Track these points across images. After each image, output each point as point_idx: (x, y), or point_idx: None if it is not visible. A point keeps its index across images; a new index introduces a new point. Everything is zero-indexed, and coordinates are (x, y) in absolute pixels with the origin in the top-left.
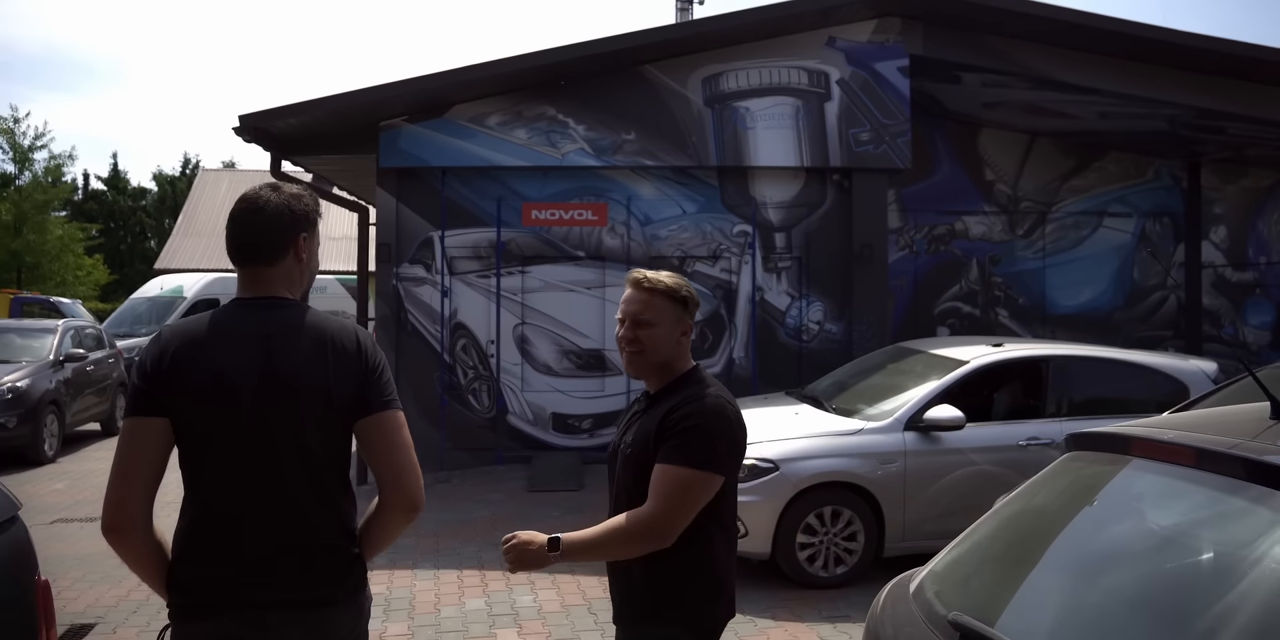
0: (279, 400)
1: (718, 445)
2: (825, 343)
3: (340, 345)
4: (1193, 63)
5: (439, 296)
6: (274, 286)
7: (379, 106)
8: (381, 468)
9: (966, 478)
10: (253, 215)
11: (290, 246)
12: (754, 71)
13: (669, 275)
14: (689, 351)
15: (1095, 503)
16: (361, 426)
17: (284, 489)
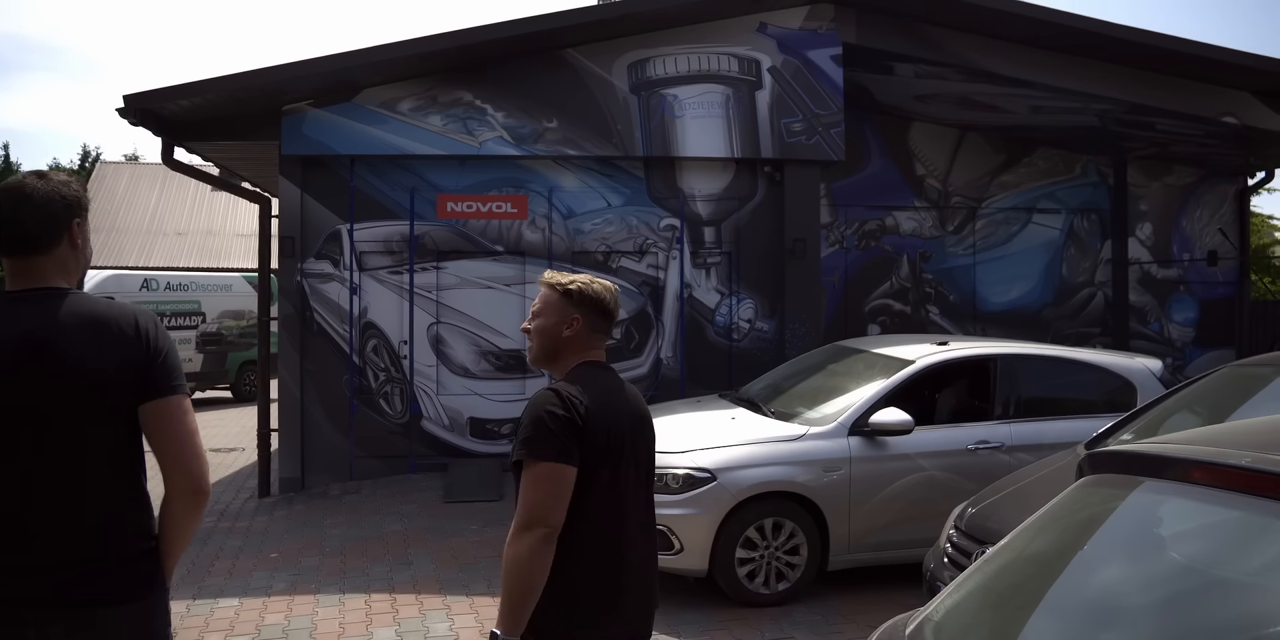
0: (51, 393)
1: (545, 433)
2: (757, 342)
3: (118, 331)
4: (1123, 56)
5: (347, 294)
6: (47, 276)
7: (281, 88)
8: (164, 454)
9: (914, 485)
10: (22, 202)
11: (64, 233)
12: (682, 57)
13: (562, 273)
14: (584, 347)
15: (1129, 539)
16: (143, 413)
17: (63, 483)
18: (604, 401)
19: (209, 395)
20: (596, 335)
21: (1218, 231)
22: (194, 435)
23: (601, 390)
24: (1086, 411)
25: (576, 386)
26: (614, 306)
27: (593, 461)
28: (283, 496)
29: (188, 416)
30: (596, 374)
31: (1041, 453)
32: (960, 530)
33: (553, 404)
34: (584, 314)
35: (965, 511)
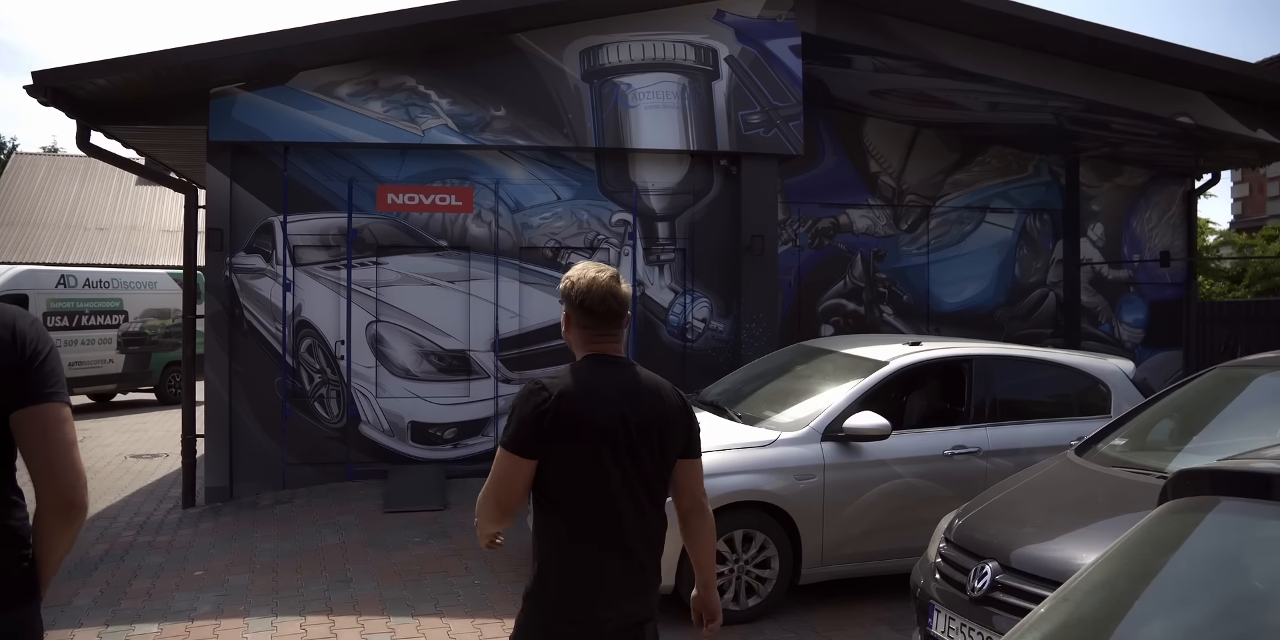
0: None
1: (511, 422)
2: (711, 342)
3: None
4: (1082, 53)
5: (280, 290)
6: None
7: (209, 68)
8: (36, 465)
9: (890, 493)
10: None
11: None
12: (636, 45)
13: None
14: (585, 343)
15: (1225, 570)
16: (16, 420)
17: None
18: (587, 394)
19: (132, 398)
20: (589, 332)
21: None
22: (70, 446)
23: (589, 383)
24: (1061, 414)
25: (559, 379)
26: (596, 300)
27: (564, 452)
28: (209, 507)
29: (65, 426)
30: (591, 368)
31: (1019, 457)
32: (951, 542)
33: (523, 394)
34: (570, 312)
35: (954, 523)
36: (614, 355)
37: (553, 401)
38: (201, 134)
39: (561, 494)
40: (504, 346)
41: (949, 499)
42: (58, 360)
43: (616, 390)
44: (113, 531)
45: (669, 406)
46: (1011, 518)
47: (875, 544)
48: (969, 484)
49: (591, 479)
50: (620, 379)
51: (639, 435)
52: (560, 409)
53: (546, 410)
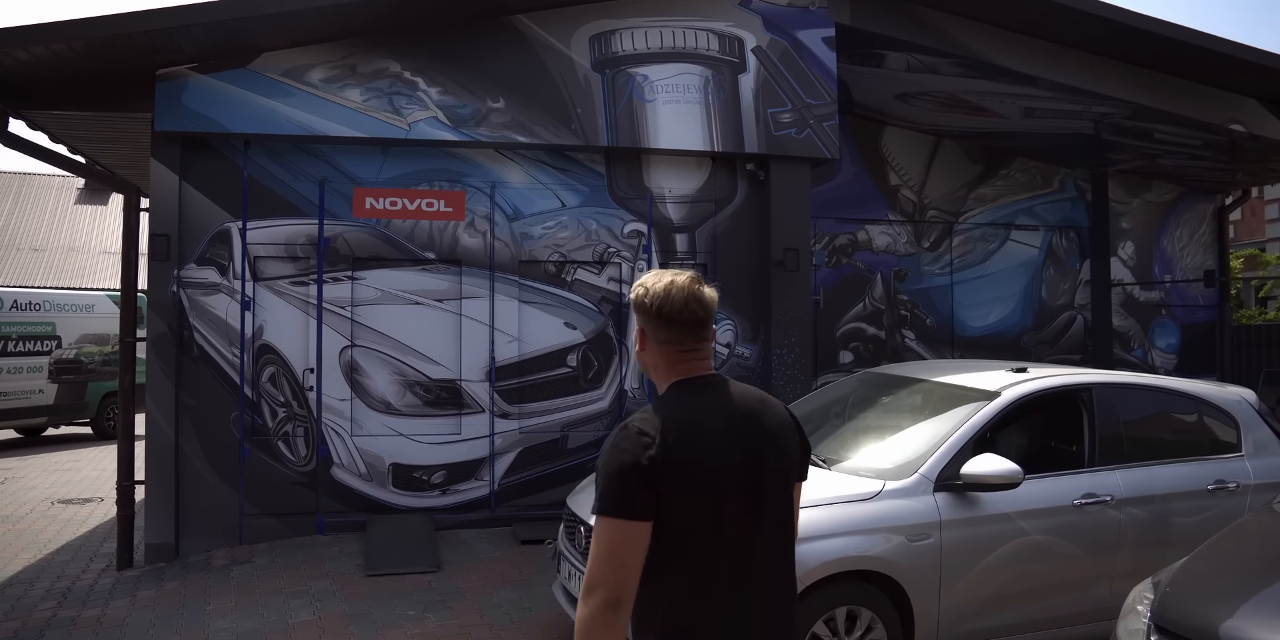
0: None
1: (605, 481)
2: (736, 370)
3: None
4: (1135, 53)
5: (238, 309)
6: None
7: (156, 44)
8: None
9: (1015, 554)
10: None
11: None
12: (654, 31)
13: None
14: (668, 363)
15: None
16: None
17: None
18: (691, 434)
19: (65, 431)
20: (668, 347)
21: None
22: None
23: (691, 417)
24: (1192, 453)
25: (656, 417)
26: (676, 307)
27: (676, 508)
28: (150, 568)
29: None
30: (686, 397)
31: (1154, 506)
32: (1161, 628)
33: (617, 442)
34: (645, 324)
35: (1159, 595)
36: (705, 376)
37: (657, 447)
38: (145, 123)
39: (673, 558)
40: (501, 376)
41: (1079, 559)
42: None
43: (723, 420)
44: (28, 602)
45: (782, 427)
46: (1230, 592)
47: (998, 618)
48: (1102, 540)
49: (711, 535)
50: (723, 405)
51: (759, 472)
52: (666, 455)
53: (653, 458)
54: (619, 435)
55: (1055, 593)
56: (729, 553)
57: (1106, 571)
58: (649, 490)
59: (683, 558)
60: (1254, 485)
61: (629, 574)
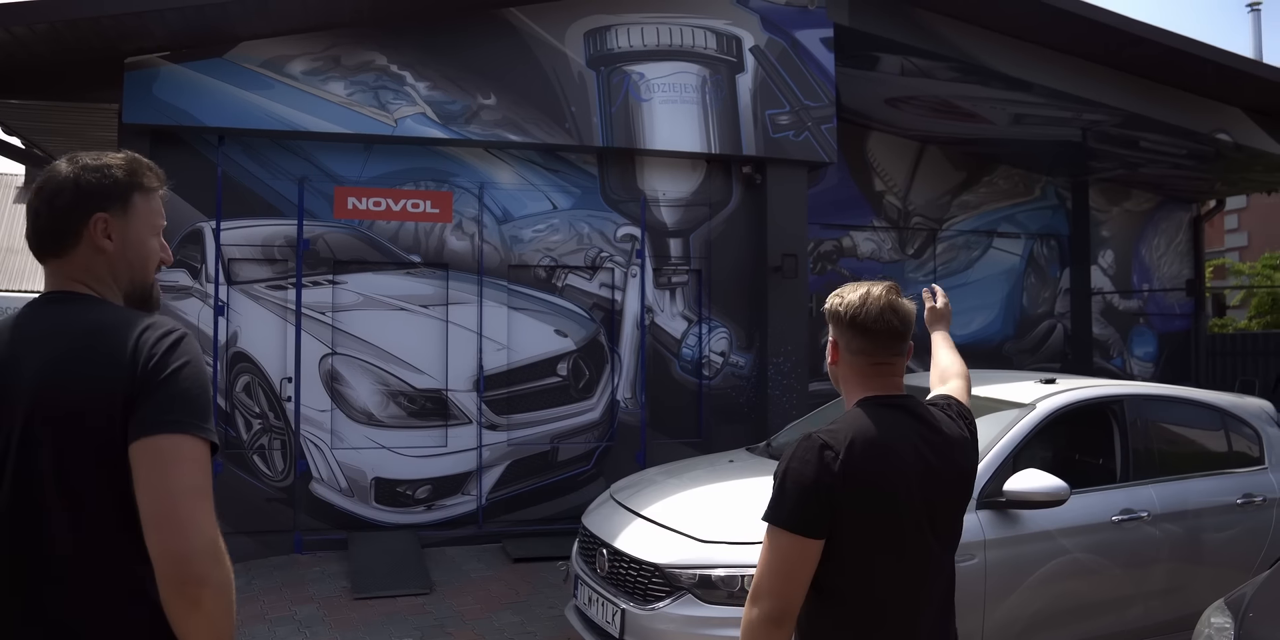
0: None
1: (781, 492)
2: (730, 380)
3: (107, 346)
4: (1127, 61)
5: (210, 314)
6: (67, 281)
7: (125, 29)
8: (143, 519)
9: (1057, 574)
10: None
11: (81, 232)
12: (650, 28)
13: (841, 289)
14: (859, 377)
15: None
16: (131, 457)
17: (38, 539)
18: (875, 453)
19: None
20: (861, 359)
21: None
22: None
23: (875, 437)
24: (1219, 465)
25: (842, 432)
26: (869, 318)
27: (856, 528)
28: None
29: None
30: (876, 415)
31: (1188, 521)
32: None
33: (801, 454)
34: (839, 335)
35: (1243, 620)
36: (897, 396)
37: (841, 462)
38: (110, 114)
39: (848, 582)
40: (489, 385)
41: (1119, 578)
42: (194, 382)
43: (911, 444)
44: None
45: (966, 451)
46: None
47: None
48: (1139, 558)
49: (889, 561)
50: (914, 426)
51: (943, 501)
52: (851, 471)
53: (837, 474)
54: (802, 446)
55: (1095, 612)
56: (903, 589)
57: (1143, 589)
58: (827, 508)
59: (853, 587)
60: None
61: (797, 588)
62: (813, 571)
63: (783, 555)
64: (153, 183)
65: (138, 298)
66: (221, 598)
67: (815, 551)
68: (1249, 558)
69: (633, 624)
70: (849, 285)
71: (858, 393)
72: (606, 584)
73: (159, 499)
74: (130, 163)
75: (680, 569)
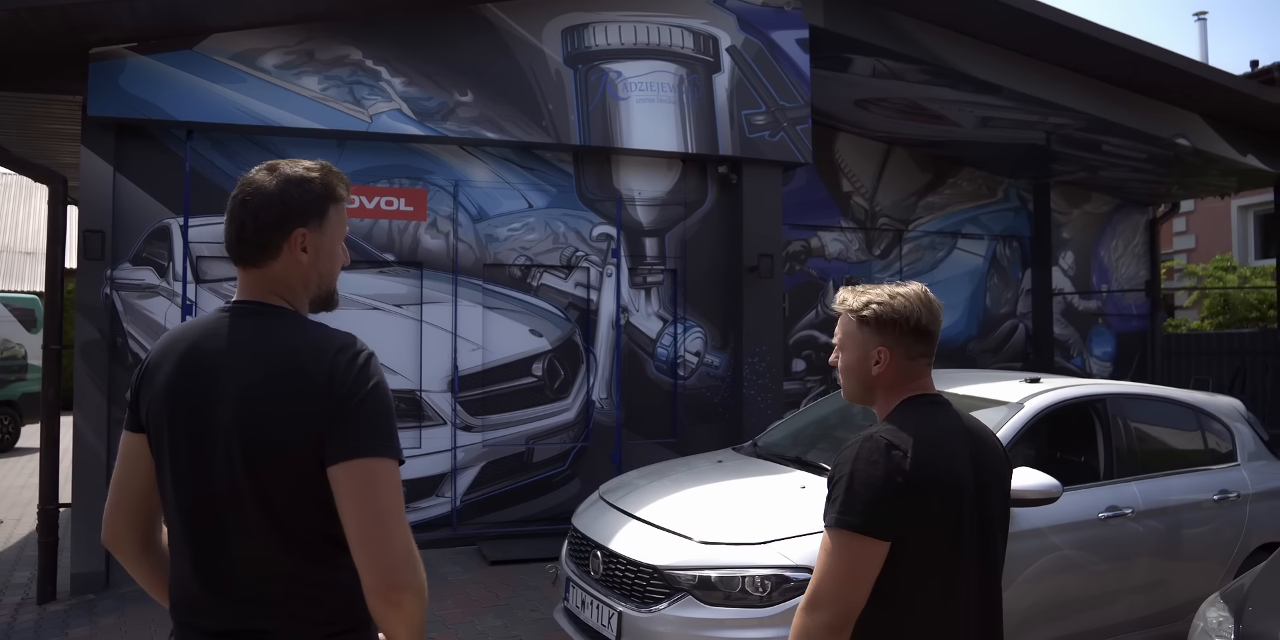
0: (216, 435)
1: (853, 494)
2: (705, 380)
3: (300, 366)
4: (1095, 65)
5: (178, 313)
6: (262, 292)
7: (92, 18)
8: (349, 537)
9: (1047, 571)
10: (238, 203)
11: (281, 244)
12: (627, 26)
13: (857, 291)
14: (904, 379)
15: None
16: (330, 479)
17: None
18: (938, 451)
19: None
20: (915, 362)
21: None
22: (386, 514)
23: (935, 436)
24: (1195, 462)
25: (904, 431)
26: (930, 320)
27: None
28: (78, 601)
29: (379, 488)
30: (927, 413)
31: (1168, 518)
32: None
33: (867, 453)
34: (892, 342)
35: (1243, 614)
36: (935, 394)
37: (910, 461)
38: (74, 106)
39: (906, 585)
40: (464, 386)
41: (1105, 574)
42: (382, 404)
43: (962, 442)
44: None
45: (1000, 457)
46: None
47: (1031, 635)
48: (1125, 554)
49: (946, 563)
50: (957, 426)
51: (990, 499)
52: (920, 470)
53: (908, 472)
54: (867, 447)
55: (1082, 607)
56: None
57: (1127, 584)
58: (898, 509)
59: (910, 590)
60: (1252, 494)
61: (861, 595)
62: (876, 576)
63: (852, 559)
64: (343, 193)
65: (321, 301)
66: (419, 599)
67: (883, 555)
68: (1226, 552)
69: (630, 626)
70: (882, 290)
71: (900, 394)
72: (601, 586)
73: (364, 519)
74: (325, 174)
75: (679, 571)
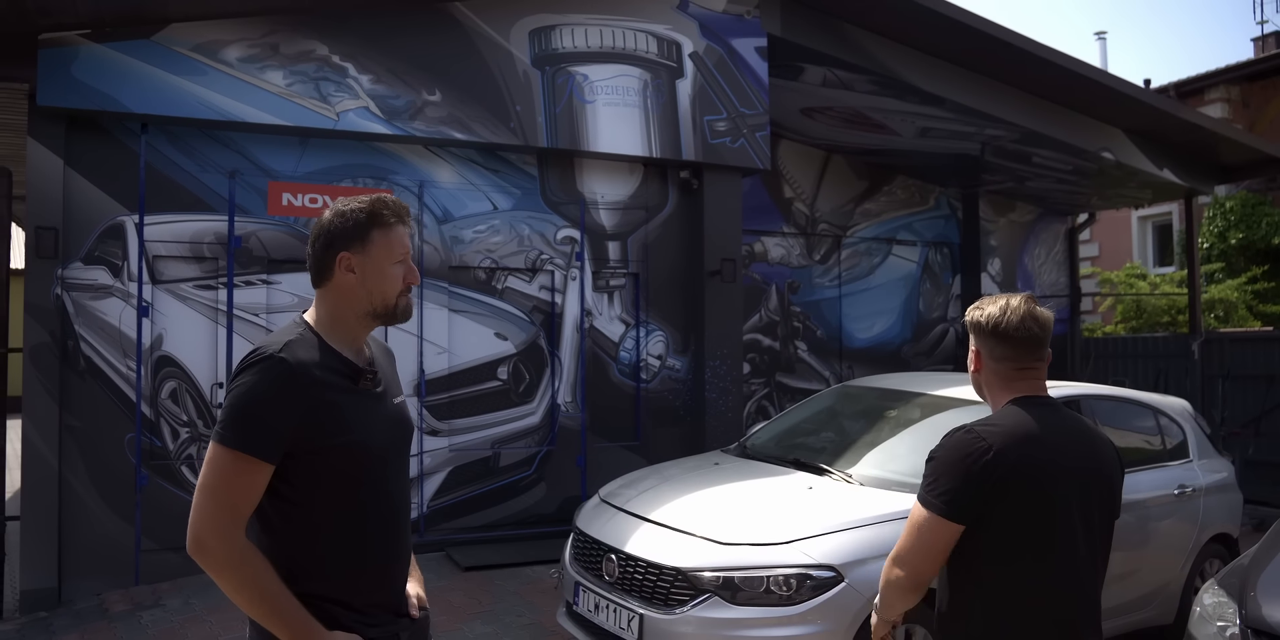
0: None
1: (937, 478)
2: (667, 383)
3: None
4: (1029, 81)
5: (133, 315)
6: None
7: (45, 3)
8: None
9: None
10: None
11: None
12: (593, 29)
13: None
14: (1004, 380)
15: None
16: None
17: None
18: (1029, 445)
19: None
20: (1006, 365)
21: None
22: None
23: (1029, 431)
24: (1155, 459)
25: (995, 427)
26: (1011, 327)
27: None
28: (29, 619)
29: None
30: (1027, 413)
31: (1137, 511)
32: (1260, 632)
33: (954, 444)
34: (981, 344)
35: (1246, 599)
36: (1043, 396)
37: (993, 454)
38: (18, 96)
39: (991, 565)
40: (430, 389)
41: None
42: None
43: (1063, 439)
44: None
45: (1112, 463)
46: None
47: None
48: None
49: (1038, 550)
50: (1061, 425)
51: (1092, 496)
52: (1001, 463)
53: (987, 464)
54: (958, 436)
55: None
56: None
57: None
58: (977, 497)
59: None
60: (1204, 488)
61: (933, 565)
62: (948, 552)
63: (926, 534)
64: (390, 219)
65: (382, 315)
66: (203, 560)
67: (955, 535)
68: (1184, 543)
69: (653, 628)
70: (987, 298)
71: (1005, 395)
72: (617, 590)
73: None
74: (373, 204)
75: (704, 572)
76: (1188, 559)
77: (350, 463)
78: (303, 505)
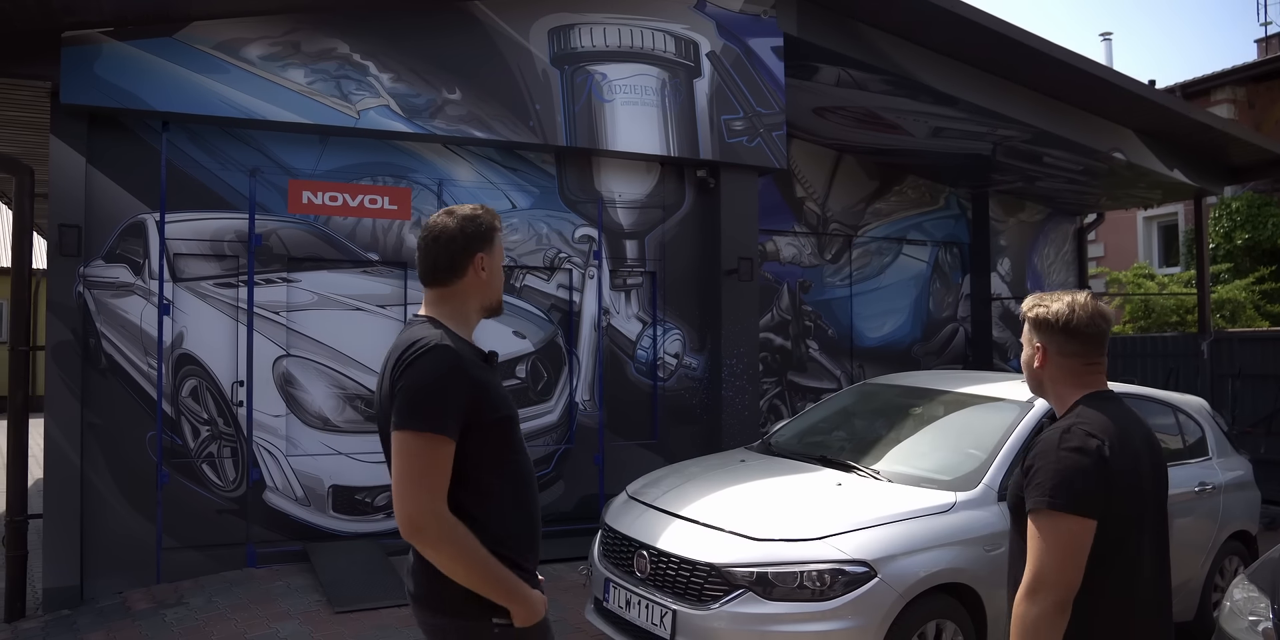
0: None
1: (1058, 479)
2: (684, 381)
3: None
4: (1043, 80)
5: (154, 313)
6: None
7: (70, 1)
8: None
9: None
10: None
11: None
12: (611, 29)
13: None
14: (1069, 377)
15: None
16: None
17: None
18: (1125, 441)
19: None
20: (1074, 361)
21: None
22: (403, 477)
23: (1122, 427)
24: (1177, 457)
25: (1096, 422)
26: (1080, 323)
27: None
28: (53, 617)
29: (403, 456)
30: (1105, 408)
31: None
32: None
33: (1071, 442)
34: (1048, 341)
35: (1277, 591)
36: (1109, 391)
37: (1110, 449)
38: (39, 94)
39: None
40: None
41: None
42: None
43: (1139, 432)
44: None
45: (1160, 447)
46: None
47: None
48: None
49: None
50: (1130, 418)
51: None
52: (1117, 458)
53: (1109, 459)
54: (1067, 436)
55: None
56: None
57: None
58: (1103, 492)
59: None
60: (1224, 485)
61: (1077, 573)
62: (1088, 554)
63: (1069, 539)
64: (500, 225)
65: (493, 308)
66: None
67: (1091, 533)
68: (1205, 540)
69: (686, 624)
70: (1047, 294)
71: (1075, 391)
72: (649, 586)
73: (395, 480)
74: (488, 213)
75: (737, 568)
76: (1208, 556)
77: (507, 432)
78: (473, 476)
